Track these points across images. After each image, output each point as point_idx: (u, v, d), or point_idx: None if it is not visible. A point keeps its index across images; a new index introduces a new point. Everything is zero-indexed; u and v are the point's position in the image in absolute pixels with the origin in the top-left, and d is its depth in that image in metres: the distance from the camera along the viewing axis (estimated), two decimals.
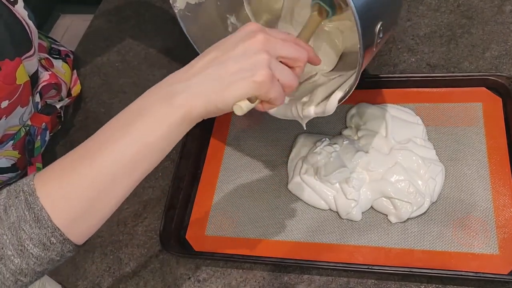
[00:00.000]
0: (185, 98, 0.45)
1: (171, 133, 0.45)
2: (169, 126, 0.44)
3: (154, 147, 0.45)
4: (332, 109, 0.60)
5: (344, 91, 0.59)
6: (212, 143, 0.80)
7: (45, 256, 0.44)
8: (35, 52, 0.76)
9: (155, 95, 0.46)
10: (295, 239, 0.68)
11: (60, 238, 0.44)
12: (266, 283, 0.66)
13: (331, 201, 0.68)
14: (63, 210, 0.44)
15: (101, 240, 0.76)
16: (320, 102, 0.62)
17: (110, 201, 0.46)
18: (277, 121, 0.79)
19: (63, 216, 0.44)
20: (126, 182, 0.45)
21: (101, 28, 1.05)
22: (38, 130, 0.81)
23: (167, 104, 0.45)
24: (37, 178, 0.45)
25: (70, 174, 0.44)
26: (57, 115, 0.88)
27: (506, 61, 0.76)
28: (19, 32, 0.73)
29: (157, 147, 0.45)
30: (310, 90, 0.66)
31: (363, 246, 0.65)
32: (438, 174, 0.67)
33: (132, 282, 0.71)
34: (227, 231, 0.71)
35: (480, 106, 0.73)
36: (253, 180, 0.75)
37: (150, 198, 0.78)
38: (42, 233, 0.43)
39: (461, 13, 0.84)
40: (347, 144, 0.71)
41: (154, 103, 0.45)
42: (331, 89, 0.63)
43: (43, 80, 0.81)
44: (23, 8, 0.74)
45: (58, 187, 0.44)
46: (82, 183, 0.44)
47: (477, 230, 0.63)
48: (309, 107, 0.63)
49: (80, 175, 0.44)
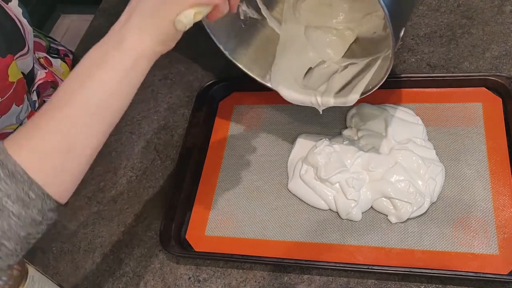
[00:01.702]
0: (132, 41, 0.47)
1: (130, 76, 0.47)
2: (125, 71, 0.47)
3: (116, 92, 0.47)
4: (353, 102, 0.65)
5: (366, 87, 0.62)
6: (212, 143, 0.80)
7: (26, 214, 0.43)
8: (29, 51, 0.76)
9: (106, 44, 0.48)
10: (295, 239, 0.68)
11: (39, 192, 0.43)
12: (266, 283, 0.66)
13: (331, 201, 0.68)
14: (37, 164, 0.44)
15: (101, 240, 0.76)
16: (339, 91, 0.64)
17: (84, 151, 0.47)
18: (277, 121, 0.80)
19: (39, 170, 0.43)
20: (96, 130, 0.47)
21: (101, 28, 1.05)
22: None
23: (118, 51, 0.47)
24: (7, 140, 0.45)
25: (39, 129, 0.45)
26: None
27: (506, 61, 0.76)
28: (11, 29, 0.72)
29: (120, 91, 0.47)
30: (326, 78, 0.67)
31: (363, 246, 0.65)
32: (438, 174, 0.67)
33: (132, 282, 0.71)
34: (227, 231, 0.71)
35: (480, 106, 0.73)
36: (253, 180, 0.75)
37: (150, 198, 0.78)
38: (19, 188, 0.42)
39: (461, 13, 0.84)
40: (347, 144, 0.71)
41: (107, 52, 0.47)
42: (346, 77, 0.66)
43: (39, 78, 0.80)
44: (17, 6, 0.74)
45: (30, 144, 0.44)
46: (53, 136, 0.45)
47: (477, 230, 0.63)
48: (328, 97, 0.66)
49: (50, 128, 0.45)
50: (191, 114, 0.83)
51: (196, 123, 0.81)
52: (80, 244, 0.76)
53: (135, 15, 0.48)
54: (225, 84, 0.85)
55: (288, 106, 0.80)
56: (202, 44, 0.95)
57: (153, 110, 0.88)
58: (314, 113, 0.79)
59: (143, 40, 0.47)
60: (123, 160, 0.84)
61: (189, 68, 0.92)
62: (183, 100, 0.88)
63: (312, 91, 0.68)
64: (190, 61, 0.93)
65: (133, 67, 0.47)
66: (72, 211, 0.80)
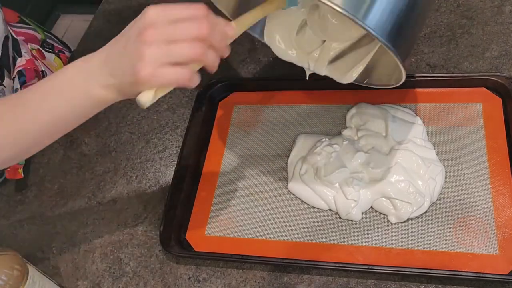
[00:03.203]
0: (99, 92, 0.50)
1: (84, 113, 0.53)
2: (83, 108, 0.52)
3: (64, 120, 0.53)
4: (348, 81, 0.65)
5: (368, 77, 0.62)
6: (212, 143, 0.80)
7: None
8: None
9: (78, 75, 0.51)
10: (295, 239, 0.68)
11: None
12: (266, 283, 0.66)
13: (331, 201, 0.68)
14: None
15: (101, 240, 0.76)
16: (332, 60, 0.64)
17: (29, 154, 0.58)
18: (277, 121, 0.80)
19: None
20: (39, 147, 0.56)
21: (101, 28, 1.05)
22: None
23: (83, 91, 0.51)
24: None
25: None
26: None
27: (506, 61, 0.76)
28: None
29: (67, 121, 0.54)
30: (319, 42, 0.66)
31: (363, 246, 0.65)
32: (438, 174, 0.67)
33: (132, 282, 0.71)
34: (227, 231, 0.71)
35: (480, 106, 0.73)
36: (253, 180, 0.75)
37: (150, 198, 0.78)
38: None
39: (461, 13, 0.84)
40: (347, 144, 0.71)
41: (75, 84, 0.51)
42: (342, 47, 0.65)
43: (18, 65, 0.80)
44: None
45: None
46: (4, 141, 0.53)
47: (477, 230, 0.63)
48: (322, 66, 0.65)
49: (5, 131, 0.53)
50: (191, 114, 0.83)
51: (196, 123, 0.81)
52: (80, 244, 0.76)
53: (106, 74, 0.50)
54: (225, 84, 0.85)
55: (288, 106, 0.81)
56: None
57: (153, 110, 0.88)
58: (314, 113, 0.79)
59: (107, 94, 0.51)
60: (123, 160, 0.84)
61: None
62: (183, 100, 0.88)
63: (305, 54, 0.66)
64: None
65: (91, 107, 0.53)
66: (72, 211, 0.80)
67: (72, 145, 0.88)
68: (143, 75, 0.46)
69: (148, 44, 0.46)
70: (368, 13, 0.48)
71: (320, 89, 0.80)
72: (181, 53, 0.47)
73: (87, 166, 0.85)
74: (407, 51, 0.55)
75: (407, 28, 0.53)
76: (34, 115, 0.53)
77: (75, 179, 0.84)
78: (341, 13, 0.46)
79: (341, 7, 0.46)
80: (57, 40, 0.98)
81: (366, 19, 0.47)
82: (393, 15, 0.49)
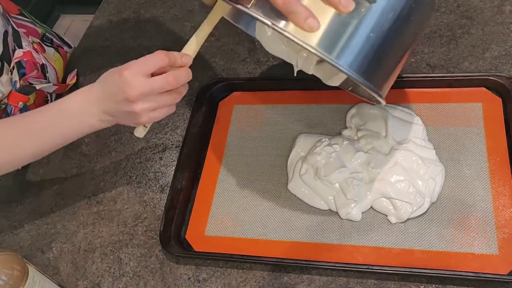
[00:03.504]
0: (100, 124, 0.64)
1: (83, 134, 0.66)
2: (82, 134, 0.66)
3: (65, 140, 0.66)
4: (332, 84, 0.65)
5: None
6: (212, 143, 0.80)
7: None
8: None
9: (88, 110, 0.63)
10: (295, 239, 0.68)
11: None
12: (266, 283, 0.66)
13: (331, 201, 0.68)
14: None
15: (101, 240, 0.76)
16: (320, 62, 0.64)
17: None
18: (277, 121, 0.80)
19: None
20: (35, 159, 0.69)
21: (101, 28, 1.05)
22: (15, 109, 0.82)
23: (88, 124, 0.63)
24: None
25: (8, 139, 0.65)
26: (45, 99, 0.88)
27: (506, 61, 0.76)
28: None
29: (67, 140, 0.66)
30: None
31: (363, 246, 0.65)
32: (438, 175, 0.67)
33: (132, 282, 0.71)
34: (227, 231, 0.71)
35: (480, 106, 0.73)
36: (253, 180, 0.75)
37: (150, 198, 0.78)
38: None
39: (461, 13, 0.84)
40: (347, 144, 0.71)
41: (84, 116, 0.63)
42: None
43: (16, 56, 0.81)
44: None
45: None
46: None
47: (477, 230, 0.63)
48: (309, 65, 0.64)
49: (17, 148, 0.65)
50: (191, 114, 0.83)
51: (196, 123, 0.81)
52: (80, 244, 0.76)
53: (105, 114, 0.62)
54: (225, 84, 0.85)
55: (288, 106, 0.81)
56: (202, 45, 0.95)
57: None
58: (314, 113, 0.79)
59: (106, 125, 0.64)
60: (123, 160, 0.84)
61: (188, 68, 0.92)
62: (183, 100, 0.88)
63: (295, 53, 0.66)
64: None
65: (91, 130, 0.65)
66: (72, 211, 0.80)
67: (72, 145, 0.88)
68: (139, 122, 0.63)
69: (139, 110, 0.60)
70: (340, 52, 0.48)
71: (320, 89, 0.80)
72: (165, 101, 0.61)
73: (87, 166, 0.85)
74: (384, 80, 0.54)
75: (378, 60, 0.52)
76: (38, 136, 0.65)
77: (75, 179, 0.84)
78: (312, 52, 0.47)
79: (314, 47, 0.47)
80: (56, 36, 0.98)
81: (338, 58, 0.48)
82: (363, 50, 0.49)
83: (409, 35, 0.54)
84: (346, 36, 0.48)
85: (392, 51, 0.53)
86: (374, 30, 0.49)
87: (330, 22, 0.47)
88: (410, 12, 0.51)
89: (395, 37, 0.51)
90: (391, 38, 0.50)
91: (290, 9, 0.45)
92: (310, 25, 0.46)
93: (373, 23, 0.48)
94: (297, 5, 0.45)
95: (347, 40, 0.48)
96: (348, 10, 0.45)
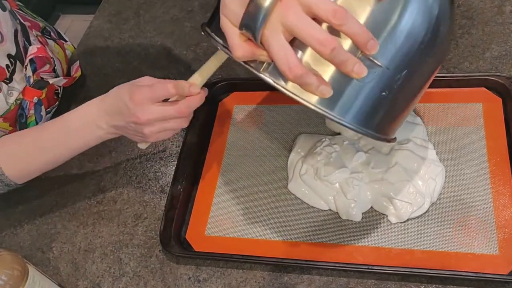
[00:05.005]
0: (108, 136, 0.67)
1: (90, 146, 0.69)
2: (89, 146, 0.69)
3: (79, 150, 0.70)
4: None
5: None
6: (212, 143, 0.80)
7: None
8: (3, 39, 0.76)
9: (97, 123, 0.66)
10: (295, 239, 0.68)
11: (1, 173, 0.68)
12: (266, 283, 0.66)
13: (331, 202, 0.68)
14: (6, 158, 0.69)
15: (101, 240, 0.76)
16: None
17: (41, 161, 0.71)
18: (277, 121, 0.80)
19: (6, 163, 0.68)
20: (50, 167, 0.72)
21: (101, 28, 1.05)
22: (30, 104, 0.82)
23: (96, 136, 0.67)
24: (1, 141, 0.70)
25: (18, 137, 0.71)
26: (55, 92, 0.88)
27: (506, 61, 0.76)
28: None
29: (75, 152, 0.70)
30: None
31: (363, 246, 0.65)
32: (438, 175, 0.67)
33: (132, 282, 0.71)
34: (227, 231, 0.71)
35: (480, 106, 0.73)
36: (253, 180, 0.75)
37: (150, 198, 0.78)
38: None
39: (461, 13, 0.84)
40: (347, 144, 0.71)
41: (96, 129, 0.66)
42: None
43: (31, 53, 0.81)
44: None
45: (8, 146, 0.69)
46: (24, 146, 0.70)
47: (477, 230, 0.63)
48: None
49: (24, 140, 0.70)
50: None
51: (196, 123, 0.81)
52: (80, 244, 0.76)
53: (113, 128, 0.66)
54: (225, 84, 0.85)
55: (288, 106, 0.81)
56: (202, 45, 0.95)
57: None
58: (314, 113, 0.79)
59: (107, 137, 0.68)
60: (123, 160, 0.84)
61: (189, 68, 0.92)
62: None
63: None
64: (190, 62, 0.93)
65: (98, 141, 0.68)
66: (72, 211, 0.80)
67: None
68: (146, 141, 0.68)
69: (147, 132, 0.64)
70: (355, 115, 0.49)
71: None
72: (172, 126, 0.64)
73: (87, 166, 0.85)
74: (398, 126, 0.54)
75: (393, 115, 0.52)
76: (46, 152, 0.69)
77: (75, 179, 0.84)
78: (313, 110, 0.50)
79: (314, 104, 0.50)
80: (54, 30, 0.98)
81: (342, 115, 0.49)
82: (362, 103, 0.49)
83: (421, 88, 0.54)
84: (361, 98, 0.48)
85: (404, 104, 0.53)
86: (386, 89, 0.48)
87: (342, 85, 0.48)
88: (423, 69, 0.51)
89: (408, 92, 0.51)
90: (403, 93, 0.51)
91: (303, 82, 0.46)
92: (323, 92, 0.47)
93: (383, 83, 0.48)
94: (308, 77, 0.46)
95: (361, 103, 0.49)
96: (361, 77, 0.45)
